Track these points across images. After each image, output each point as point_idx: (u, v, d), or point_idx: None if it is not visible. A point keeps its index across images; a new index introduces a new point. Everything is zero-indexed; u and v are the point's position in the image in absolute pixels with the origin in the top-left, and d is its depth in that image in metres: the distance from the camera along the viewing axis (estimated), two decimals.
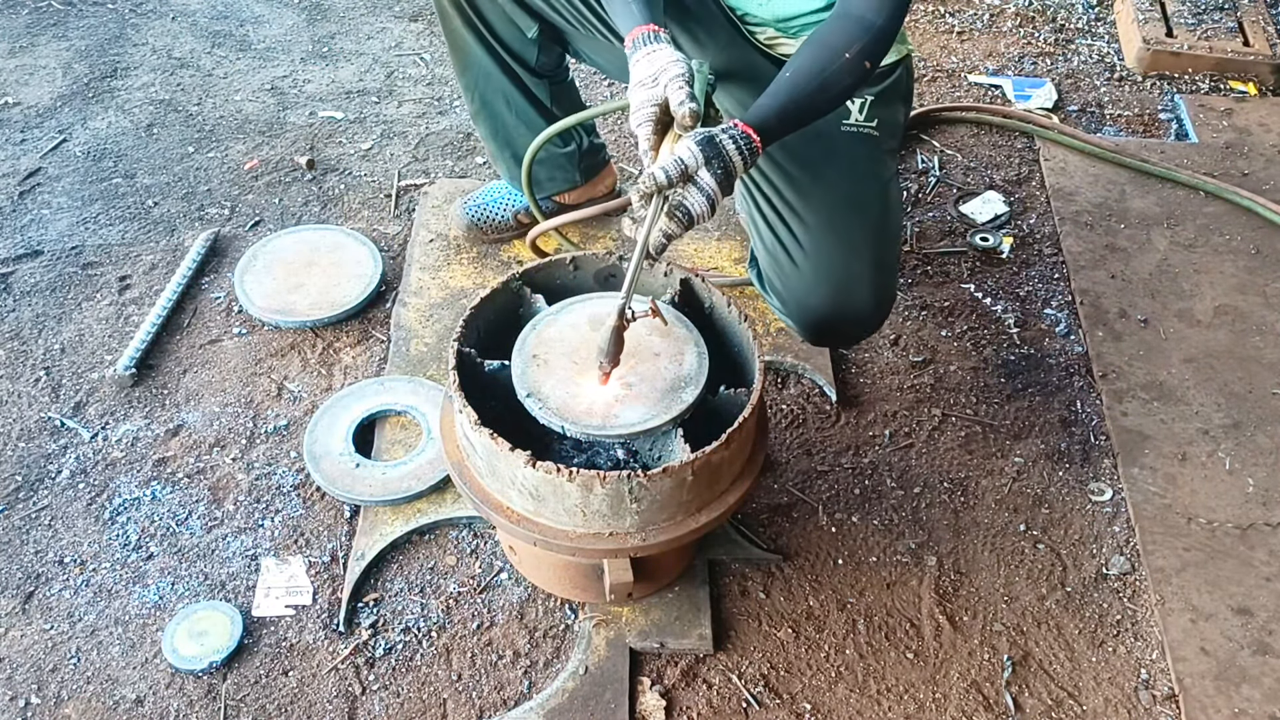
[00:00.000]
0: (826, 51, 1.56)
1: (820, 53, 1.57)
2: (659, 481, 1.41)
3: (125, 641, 1.70)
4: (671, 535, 1.48)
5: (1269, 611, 1.78)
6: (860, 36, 1.55)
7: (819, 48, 1.58)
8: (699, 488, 1.46)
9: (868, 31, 1.56)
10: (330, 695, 1.65)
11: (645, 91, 1.47)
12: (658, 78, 1.46)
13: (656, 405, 1.47)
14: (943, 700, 1.68)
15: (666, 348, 1.54)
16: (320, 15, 3.08)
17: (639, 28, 1.53)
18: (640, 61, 1.50)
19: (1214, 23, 3.00)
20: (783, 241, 1.79)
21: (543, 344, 1.54)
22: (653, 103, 1.46)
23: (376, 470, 1.88)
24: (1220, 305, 2.28)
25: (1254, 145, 2.68)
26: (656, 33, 1.52)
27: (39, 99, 2.73)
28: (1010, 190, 2.55)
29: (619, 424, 1.45)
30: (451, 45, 2.06)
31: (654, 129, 1.46)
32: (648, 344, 1.53)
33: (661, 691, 1.67)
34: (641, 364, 1.51)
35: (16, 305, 2.21)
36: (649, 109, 1.46)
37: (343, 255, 2.28)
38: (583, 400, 1.47)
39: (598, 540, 1.47)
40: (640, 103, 1.47)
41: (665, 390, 1.49)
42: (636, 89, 1.49)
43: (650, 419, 1.45)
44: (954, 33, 3.08)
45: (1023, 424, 2.06)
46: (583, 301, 1.60)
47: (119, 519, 1.86)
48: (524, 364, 1.50)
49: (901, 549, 1.86)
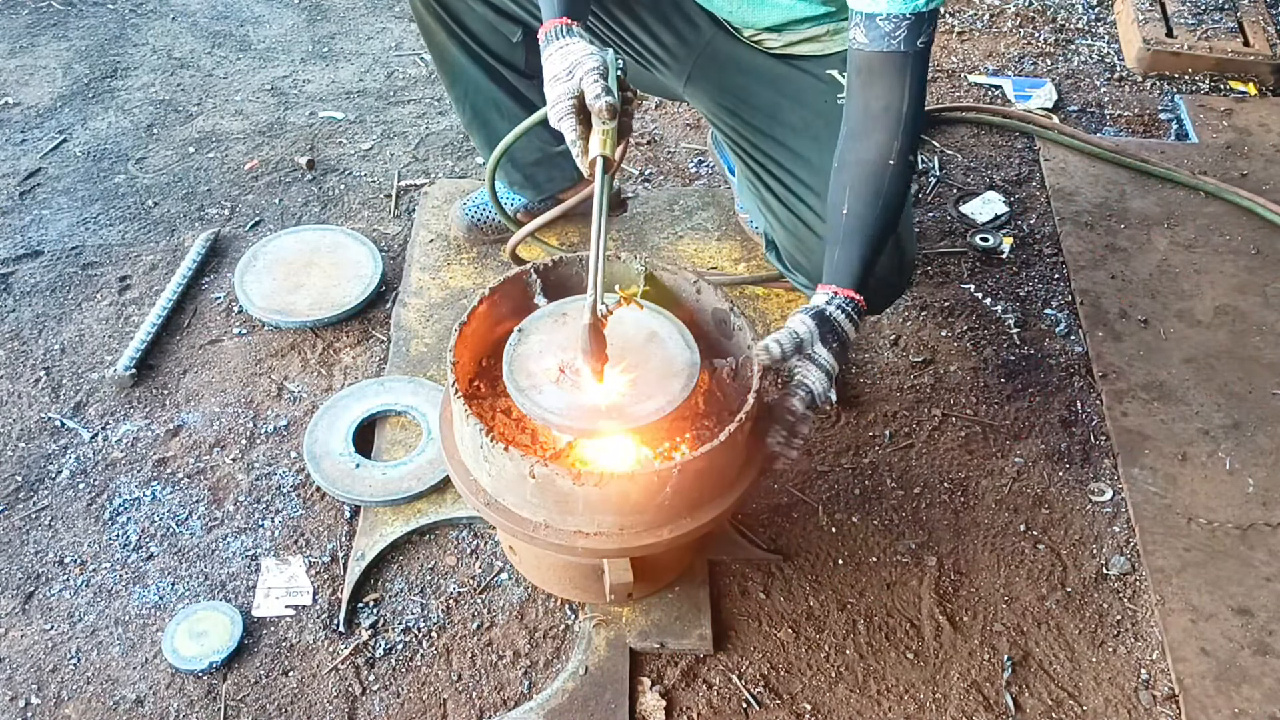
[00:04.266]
0: (870, 175, 1.53)
1: (865, 177, 1.53)
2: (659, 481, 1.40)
3: (125, 642, 1.70)
4: (671, 535, 1.47)
5: (1269, 612, 1.78)
6: (893, 135, 1.52)
7: (860, 171, 1.54)
8: (698, 487, 1.46)
9: (898, 123, 1.51)
10: (330, 695, 1.65)
11: (561, 85, 1.47)
12: (573, 71, 1.46)
13: (667, 387, 1.47)
14: (943, 700, 1.68)
15: (652, 335, 1.54)
16: (320, 15, 3.08)
17: (552, 21, 1.53)
18: (553, 56, 1.50)
19: (1214, 23, 3.00)
20: (802, 217, 1.78)
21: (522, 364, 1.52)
22: (569, 96, 1.46)
23: (376, 470, 1.88)
24: (1220, 305, 2.28)
25: (1254, 145, 2.68)
26: (569, 26, 1.52)
27: (39, 99, 2.73)
28: (1010, 190, 2.55)
29: (642, 414, 1.45)
30: (438, 60, 2.05)
31: (577, 121, 1.47)
32: (632, 335, 1.53)
33: (661, 692, 1.67)
34: (631, 354, 1.50)
35: (17, 305, 2.21)
36: (566, 103, 1.47)
37: (343, 255, 2.28)
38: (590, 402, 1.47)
39: (597, 540, 1.47)
40: (557, 97, 1.47)
41: (669, 373, 1.49)
42: (552, 84, 1.48)
43: (666, 404, 1.46)
44: (954, 33, 3.08)
45: (1023, 424, 2.06)
46: (549, 316, 1.59)
47: (119, 519, 1.86)
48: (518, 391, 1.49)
49: (901, 549, 1.86)
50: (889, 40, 1.48)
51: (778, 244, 1.91)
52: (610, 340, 1.45)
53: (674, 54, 1.89)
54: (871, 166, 1.53)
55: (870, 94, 1.52)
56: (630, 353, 1.50)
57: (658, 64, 1.92)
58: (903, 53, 1.49)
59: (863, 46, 1.51)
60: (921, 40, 1.49)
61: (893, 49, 1.49)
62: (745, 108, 1.85)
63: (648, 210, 2.42)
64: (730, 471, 1.51)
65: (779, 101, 1.82)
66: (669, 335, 1.55)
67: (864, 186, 1.53)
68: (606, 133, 1.46)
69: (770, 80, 1.83)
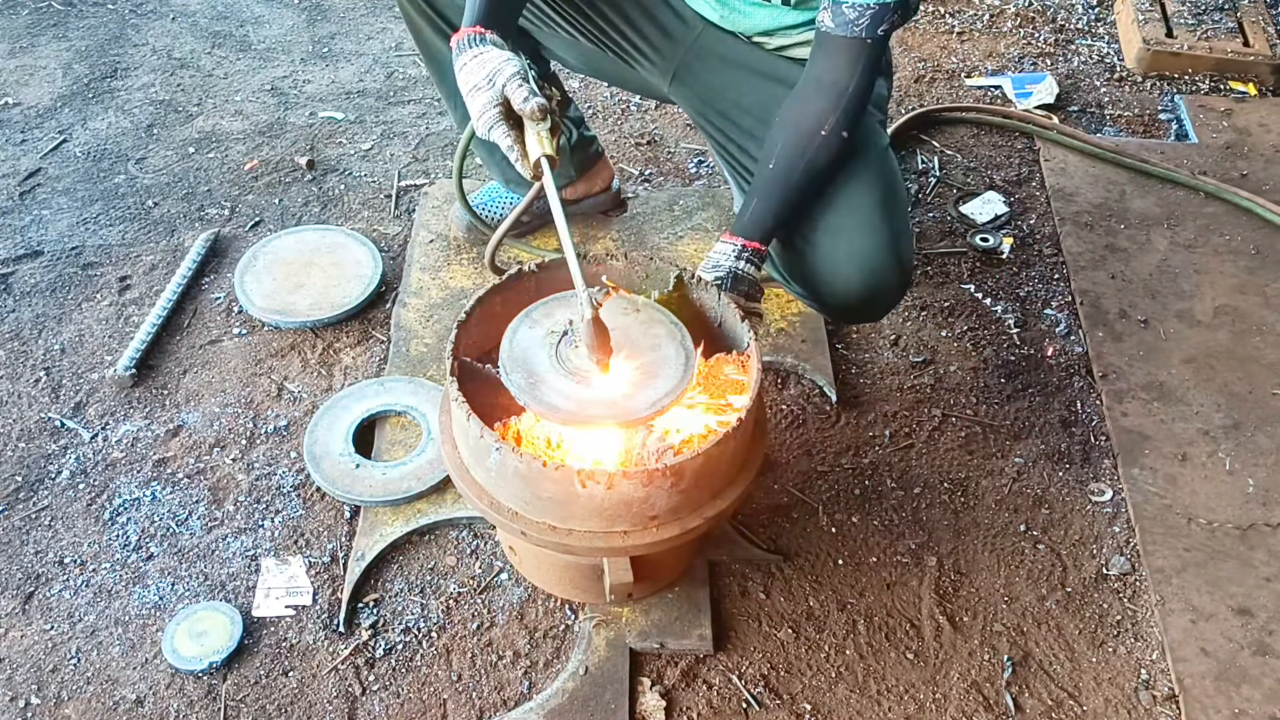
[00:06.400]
0: (801, 136, 1.63)
1: (796, 138, 1.64)
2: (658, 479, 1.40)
3: (125, 642, 1.71)
4: (671, 535, 1.48)
5: (1269, 612, 1.78)
6: (833, 107, 1.61)
7: (793, 132, 1.64)
8: (698, 486, 1.46)
9: (840, 99, 1.61)
10: (330, 696, 1.65)
11: (483, 95, 1.47)
12: (493, 79, 1.47)
13: (674, 371, 1.47)
14: (943, 701, 1.68)
15: (643, 324, 1.54)
16: (320, 16, 3.08)
17: (464, 30, 1.53)
18: (468, 65, 1.49)
19: (1214, 23, 3.00)
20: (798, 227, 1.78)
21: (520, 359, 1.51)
22: (494, 104, 1.47)
23: (376, 471, 1.88)
24: (1220, 305, 2.28)
25: (1254, 145, 2.68)
26: (482, 34, 1.52)
27: (39, 99, 2.73)
28: (1010, 191, 2.55)
29: (656, 400, 1.45)
30: (427, 57, 2.04)
31: (509, 127, 1.47)
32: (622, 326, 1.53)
33: (661, 692, 1.67)
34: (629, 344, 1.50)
35: (17, 305, 2.21)
36: (493, 111, 1.47)
37: (343, 255, 2.28)
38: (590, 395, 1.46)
39: (596, 539, 1.47)
40: (482, 107, 1.48)
41: (671, 358, 1.49)
42: (473, 94, 1.49)
43: (676, 386, 1.46)
44: (954, 33, 3.08)
45: (1023, 424, 2.06)
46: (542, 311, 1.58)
47: (119, 519, 1.86)
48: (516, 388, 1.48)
49: (901, 549, 1.86)
50: (852, 27, 1.57)
51: (775, 253, 1.90)
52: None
53: (659, 50, 1.87)
54: (803, 130, 1.63)
55: (823, 67, 1.62)
56: (625, 346, 1.50)
57: (641, 60, 1.90)
58: (863, 39, 1.58)
59: (829, 29, 1.59)
60: (883, 29, 1.57)
61: (854, 35, 1.57)
62: (735, 109, 1.84)
63: (648, 210, 2.42)
64: (730, 470, 1.51)
65: (769, 104, 1.81)
66: (662, 326, 1.54)
67: (792, 149, 1.64)
68: (541, 133, 1.46)
69: (760, 80, 1.81)
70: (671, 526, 1.48)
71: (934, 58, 2.98)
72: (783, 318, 2.17)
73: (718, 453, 1.42)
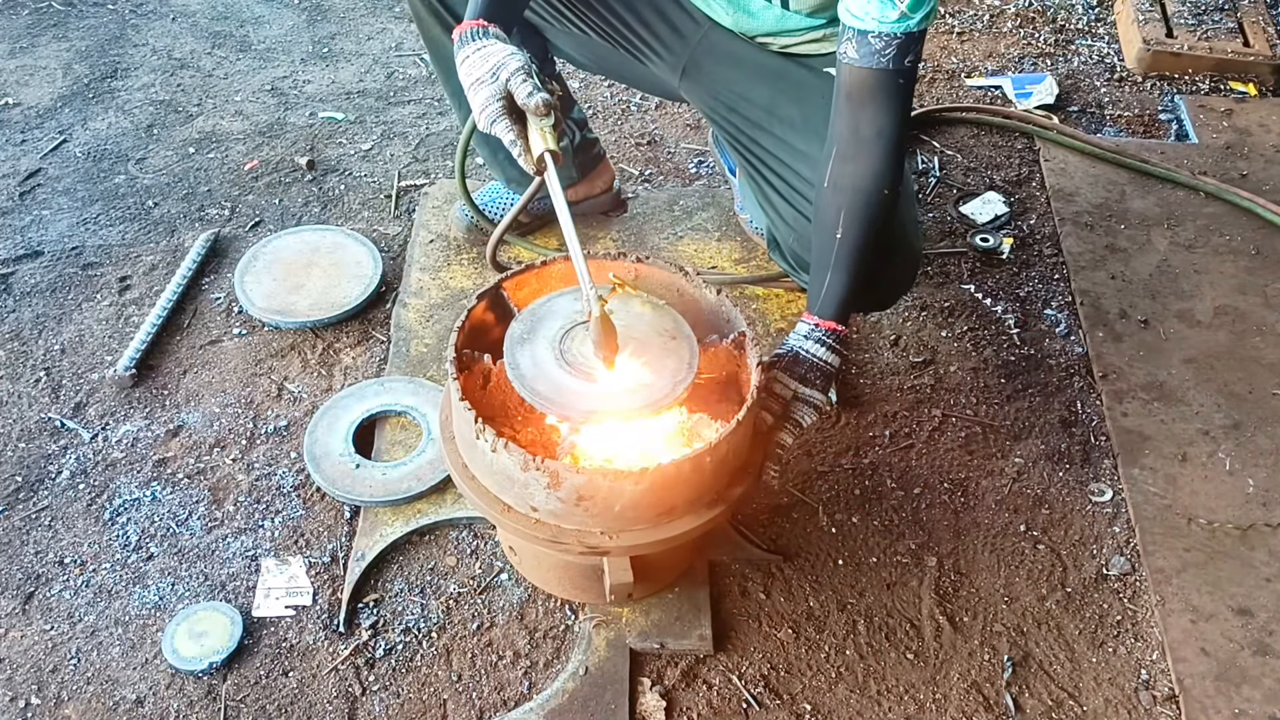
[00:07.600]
0: (869, 203, 1.55)
1: (865, 207, 1.56)
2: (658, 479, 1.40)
3: (125, 642, 1.70)
4: (670, 535, 1.47)
5: (1269, 612, 1.78)
6: (887, 163, 1.55)
7: (855, 197, 1.56)
8: (698, 485, 1.46)
9: (890, 151, 1.55)
10: (330, 696, 1.65)
11: (486, 89, 1.45)
12: (496, 73, 1.45)
13: (679, 361, 1.48)
14: (943, 701, 1.68)
15: (643, 319, 1.54)
16: (320, 16, 3.08)
17: (466, 23, 1.51)
18: (471, 58, 1.47)
19: (1214, 23, 3.00)
20: (805, 213, 1.78)
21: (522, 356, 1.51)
22: (497, 98, 1.45)
23: (376, 471, 1.88)
24: (1220, 305, 2.28)
25: (1254, 146, 2.68)
26: (485, 28, 1.50)
27: (39, 99, 2.73)
28: (1010, 191, 2.55)
29: (670, 389, 1.45)
30: (434, 53, 2.04)
31: (511, 122, 1.45)
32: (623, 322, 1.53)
33: (661, 692, 1.67)
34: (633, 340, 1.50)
35: (17, 306, 2.21)
36: (496, 105, 1.45)
37: (343, 256, 2.28)
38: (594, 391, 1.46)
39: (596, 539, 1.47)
40: (485, 101, 1.46)
41: (674, 349, 1.49)
42: (476, 88, 1.46)
43: (683, 377, 1.46)
44: (954, 33, 3.08)
45: (1023, 424, 2.06)
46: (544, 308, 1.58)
47: (119, 519, 1.86)
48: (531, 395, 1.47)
49: (901, 549, 1.86)
50: (878, 58, 1.50)
51: (780, 241, 1.91)
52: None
53: (669, 46, 1.88)
54: (868, 195, 1.55)
55: (861, 117, 1.54)
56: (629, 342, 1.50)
57: (652, 56, 1.91)
58: (891, 71, 1.51)
59: (853, 61, 1.52)
60: (909, 60, 1.51)
61: (881, 66, 1.51)
62: (743, 103, 1.85)
63: (648, 210, 2.42)
64: (731, 469, 1.51)
65: (777, 97, 1.81)
66: (666, 321, 1.54)
67: (861, 214, 1.56)
68: (544, 129, 1.45)
69: (768, 75, 1.82)
70: (672, 526, 1.48)
71: (934, 58, 2.97)
72: (783, 318, 2.17)
73: (719, 450, 1.41)
